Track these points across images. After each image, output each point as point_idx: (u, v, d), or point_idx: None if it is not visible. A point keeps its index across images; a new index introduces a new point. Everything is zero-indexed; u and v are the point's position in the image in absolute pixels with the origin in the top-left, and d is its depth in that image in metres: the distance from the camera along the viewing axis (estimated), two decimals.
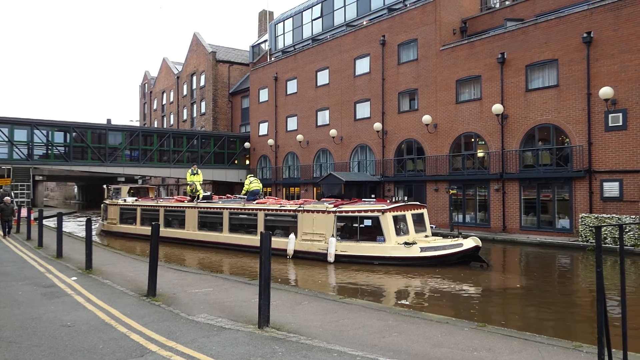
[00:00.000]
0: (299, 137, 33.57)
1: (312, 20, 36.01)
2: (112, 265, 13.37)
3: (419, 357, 5.73)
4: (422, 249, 14.73)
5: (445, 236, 17.59)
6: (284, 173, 35.85)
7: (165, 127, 55.11)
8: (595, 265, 4.28)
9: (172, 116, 54.59)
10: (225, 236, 19.72)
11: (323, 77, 32.57)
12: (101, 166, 33.41)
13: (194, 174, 22.66)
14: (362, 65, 29.63)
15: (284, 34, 39.13)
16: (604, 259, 15.76)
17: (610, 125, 18.88)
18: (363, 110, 29.56)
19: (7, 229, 20.76)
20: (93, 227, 29.82)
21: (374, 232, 15.65)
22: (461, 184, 24.11)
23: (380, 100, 28.17)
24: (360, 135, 29.57)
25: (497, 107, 21.85)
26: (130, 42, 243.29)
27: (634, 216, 17.48)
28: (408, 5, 27.64)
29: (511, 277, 14.05)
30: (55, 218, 17.14)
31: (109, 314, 7.73)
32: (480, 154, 23.63)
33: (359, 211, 15.93)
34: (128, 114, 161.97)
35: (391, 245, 15.06)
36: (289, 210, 17.60)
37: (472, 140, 23.87)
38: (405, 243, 14.84)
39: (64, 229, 15.99)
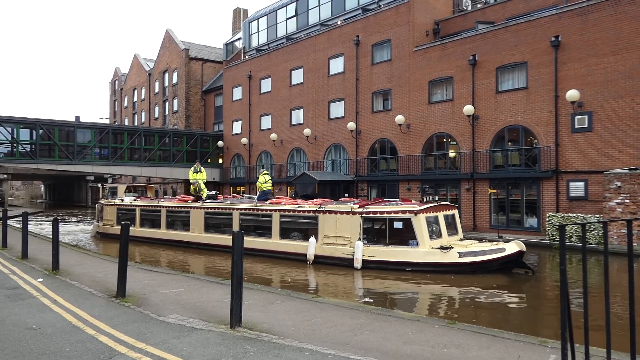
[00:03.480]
0: (273, 136, 33.46)
1: (287, 19, 35.94)
2: (80, 265, 13.06)
3: (390, 355, 5.80)
4: (461, 254, 13.46)
5: (480, 239, 16.62)
6: (258, 172, 35.66)
7: (136, 124, 54.10)
8: (560, 263, 4.40)
9: (143, 114, 53.63)
10: None
11: (297, 76, 32.54)
12: (69, 164, 32.55)
13: (197, 172, 20.89)
14: (336, 65, 29.72)
15: (258, 32, 38.92)
16: (570, 257, 16.24)
17: (576, 127, 19.45)
18: (337, 109, 29.65)
19: None
20: (67, 227, 29.24)
21: (402, 236, 14.44)
22: (433, 183, 24.45)
23: (354, 100, 28.31)
24: (334, 134, 29.66)
25: (469, 108, 22.24)
26: (100, 37, 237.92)
27: (598, 215, 18.06)
28: (382, 6, 27.86)
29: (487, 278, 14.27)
30: (21, 218, 16.60)
31: (76, 316, 7.55)
32: (451, 154, 24.01)
33: (389, 212, 14.52)
34: (98, 111, 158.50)
35: (425, 250, 13.74)
36: (308, 211, 16.13)
37: (444, 140, 24.23)
38: (442, 247, 13.60)
39: (29, 229, 15.52)
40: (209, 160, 39.07)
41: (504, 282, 12.88)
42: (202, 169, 21.31)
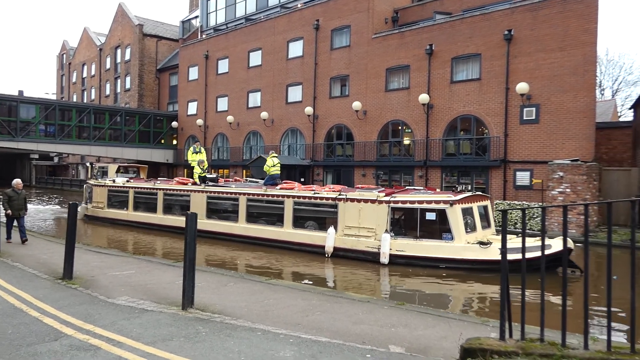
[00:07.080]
0: (230, 118, 32.97)
1: None
2: (23, 247, 12.56)
3: (340, 334, 5.96)
4: None
5: (517, 234, 15.04)
6: (213, 154, 35.13)
7: (85, 101, 51.91)
8: (501, 245, 4.67)
9: (93, 90, 51.51)
10: (242, 227, 16.72)
11: (255, 58, 32.09)
12: (11, 141, 30.92)
13: (197, 153, 19.53)
14: (295, 49, 29.51)
15: (216, 10, 38.00)
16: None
17: (524, 118, 20.26)
18: (295, 93, 29.53)
19: (21, 231, 13.22)
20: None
21: (433, 228, 13.27)
22: (387, 170, 24.90)
23: (312, 85, 28.27)
24: (292, 118, 29.57)
25: (424, 97, 22.69)
26: (46, 5, 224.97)
27: (541, 203, 18.98)
28: None
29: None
30: None
31: (19, 298, 7.30)
32: (406, 141, 24.49)
33: (420, 202, 13.12)
34: (43, 86, 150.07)
35: (462, 245, 12.42)
36: (326, 199, 14.75)
37: (399, 128, 24.66)
38: (480, 243, 12.30)
39: None
40: (162, 141, 38.12)
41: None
42: (202, 149, 20.15)
